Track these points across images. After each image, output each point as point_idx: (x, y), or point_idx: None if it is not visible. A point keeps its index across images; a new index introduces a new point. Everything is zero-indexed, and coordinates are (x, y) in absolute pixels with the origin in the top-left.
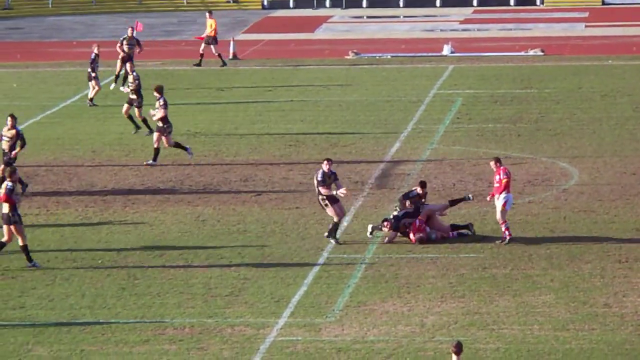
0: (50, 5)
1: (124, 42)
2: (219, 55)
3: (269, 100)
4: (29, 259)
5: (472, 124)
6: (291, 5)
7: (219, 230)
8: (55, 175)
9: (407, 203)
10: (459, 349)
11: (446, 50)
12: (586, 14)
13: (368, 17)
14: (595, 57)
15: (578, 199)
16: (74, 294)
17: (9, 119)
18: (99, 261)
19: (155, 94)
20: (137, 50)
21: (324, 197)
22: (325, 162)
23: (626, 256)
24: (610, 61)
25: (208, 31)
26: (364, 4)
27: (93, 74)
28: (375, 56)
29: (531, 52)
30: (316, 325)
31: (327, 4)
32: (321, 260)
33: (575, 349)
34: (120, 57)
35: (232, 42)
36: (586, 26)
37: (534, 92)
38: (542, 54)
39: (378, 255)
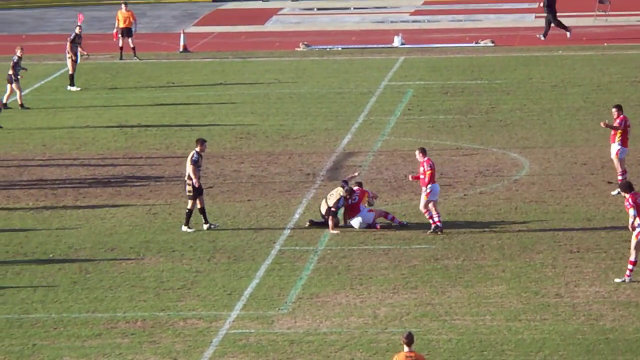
0: None
1: (74, 41)
2: (133, 49)
3: (219, 93)
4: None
5: (423, 115)
6: None
7: (170, 223)
8: (5, 170)
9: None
10: (410, 340)
11: (397, 41)
12: (536, 5)
13: (318, 9)
14: (545, 48)
15: (529, 190)
16: (26, 289)
17: None
18: (50, 255)
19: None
20: (81, 52)
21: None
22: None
23: (577, 246)
24: (560, 52)
25: (122, 24)
26: None
27: (14, 77)
28: (326, 48)
29: (481, 43)
30: (269, 318)
31: None
32: (273, 253)
33: (528, 339)
34: (70, 57)
35: (182, 35)
36: (536, 17)
37: (484, 83)
38: (492, 44)
39: (330, 246)
